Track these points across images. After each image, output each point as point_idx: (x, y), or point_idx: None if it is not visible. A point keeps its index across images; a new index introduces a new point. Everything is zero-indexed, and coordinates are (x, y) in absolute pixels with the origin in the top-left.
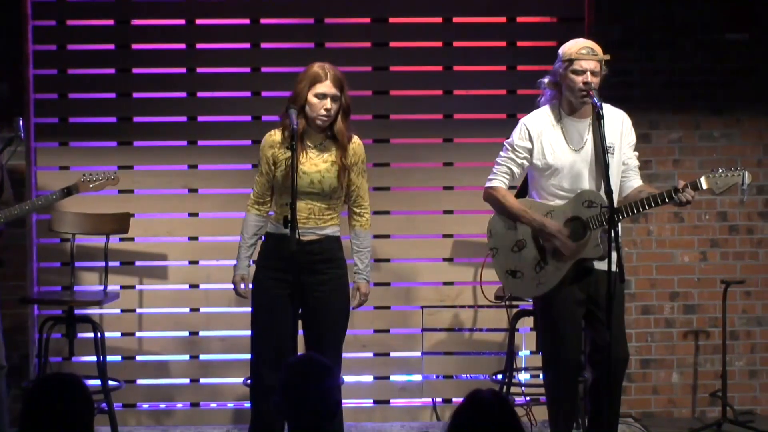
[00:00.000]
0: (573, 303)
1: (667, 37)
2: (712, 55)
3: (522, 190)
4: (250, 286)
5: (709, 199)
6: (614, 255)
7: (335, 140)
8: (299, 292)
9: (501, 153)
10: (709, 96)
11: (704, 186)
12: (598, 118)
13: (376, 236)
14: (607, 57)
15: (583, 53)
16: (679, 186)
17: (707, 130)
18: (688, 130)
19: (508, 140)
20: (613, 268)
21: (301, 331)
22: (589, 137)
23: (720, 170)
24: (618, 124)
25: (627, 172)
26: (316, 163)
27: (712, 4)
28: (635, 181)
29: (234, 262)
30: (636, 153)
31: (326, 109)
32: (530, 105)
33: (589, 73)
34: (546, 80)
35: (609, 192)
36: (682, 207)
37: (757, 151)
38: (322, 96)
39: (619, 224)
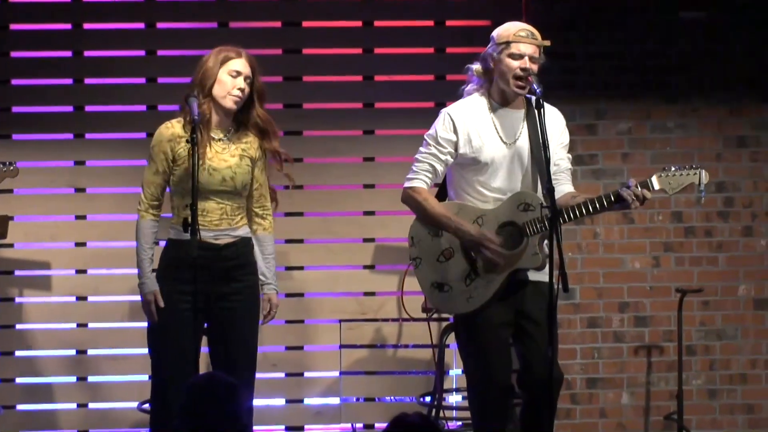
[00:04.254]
0: (501, 318)
1: (615, 16)
2: (666, 37)
3: (442, 190)
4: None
5: (662, 198)
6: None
7: (242, 130)
8: (204, 305)
9: (421, 148)
10: (662, 82)
11: (656, 186)
12: (538, 107)
13: (288, 241)
14: (547, 43)
15: (521, 35)
16: (631, 185)
17: (660, 120)
18: (638, 121)
19: (430, 133)
20: (541, 277)
21: (206, 348)
22: (524, 130)
23: (673, 168)
24: (552, 122)
25: (558, 174)
26: (226, 158)
27: None
28: (566, 186)
29: (128, 270)
30: (569, 156)
31: (240, 89)
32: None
33: (527, 58)
34: (475, 66)
35: (550, 190)
36: (633, 208)
37: (715, 144)
38: (235, 74)
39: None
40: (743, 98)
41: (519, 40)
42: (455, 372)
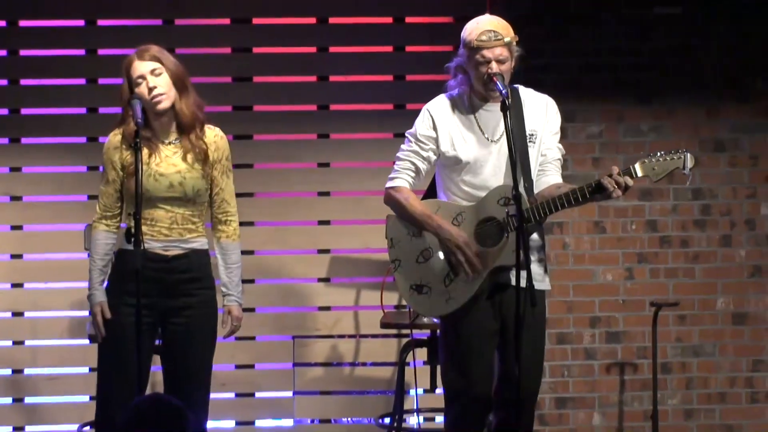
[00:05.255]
0: (484, 326)
1: (585, 10)
2: (639, 33)
3: (431, 194)
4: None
5: (635, 206)
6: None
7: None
8: (156, 320)
9: (403, 146)
10: (636, 81)
11: (639, 173)
12: (502, 109)
13: None
14: (511, 38)
15: (483, 40)
16: (613, 173)
17: (633, 122)
18: (610, 123)
19: (410, 131)
20: (523, 283)
21: (158, 367)
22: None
23: (658, 154)
24: (542, 109)
25: (545, 165)
26: (174, 162)
27: None
28: (553, 177)
29: (68, 283)
30: (560, 145)
31: (150, 88)
32: (422, 93)
33: (494, 63)
34: (453, 65)
35: (516, 197)
36: (615, 197)
37: (692, 147)
38: (140, 80)
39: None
40: (721, 98)
41: (481, 46)
42: (416, 392)
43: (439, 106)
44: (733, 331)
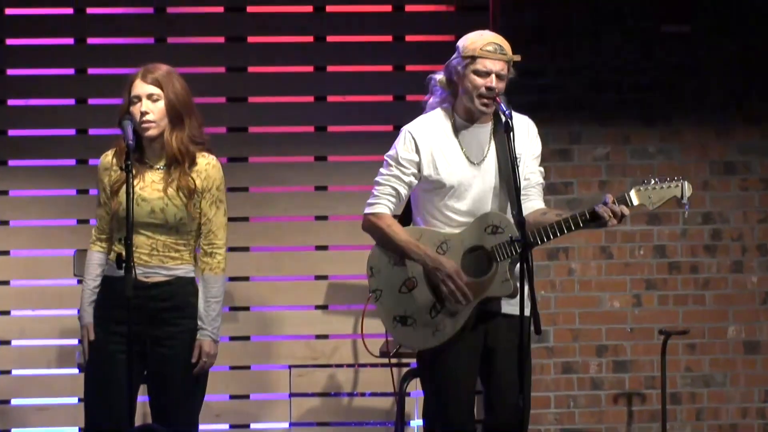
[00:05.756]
0: (468, 357)
1: (590, 29)
2: (646, 52)
3: (406, 215)
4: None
5: (643, 230)
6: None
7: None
8: (141, 349)
9: (382, 170)
10: (642, 101)
11: (635, 201)
12: (507, 130)
13: (232, 278)
14: (517, 57)
15: (488, 50)
16: (608, 201)
17: (640, 144)
18: (616, 145)
19: (390, 153)
20: (514, 311)
21: (145, 398)
22: (491, 149)
23: (653, 181)
24: (523, 132)
25: (528, 189)
26: (159, 188)
27: None
28: (537, 202)
29: (57, 311)
30: (541, 168)
31: (142, 112)
32: (422, 85)
33: (494, 76)
34: (438, 77)
35: (521, 222)
36: (611, 226)
37: (701, 170)
38: (136, 100)
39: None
40: (730, 119)
41: (485, 56)
42: (416, 423)
43: (420, 127)
44: (745, 361)
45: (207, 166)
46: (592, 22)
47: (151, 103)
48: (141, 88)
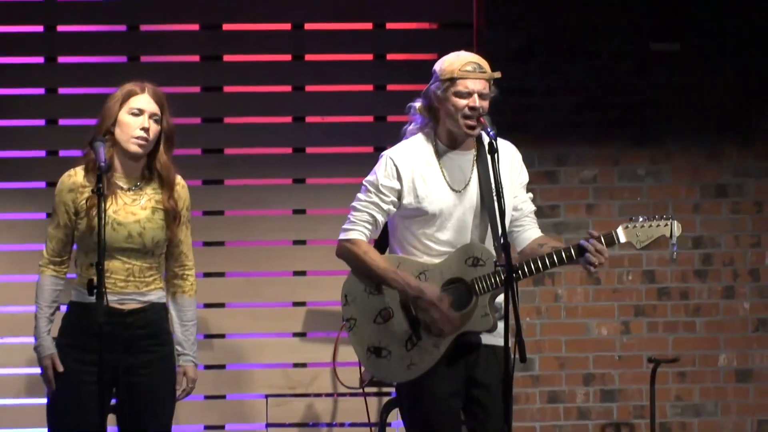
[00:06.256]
0: (449, 387)
1: (578, 47)
2: (635, 71)
3: (382, 242)
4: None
5: (632, 255)
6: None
7: (154, 179)
8: (112, 378)
9: (360, 195)
10: (632, 122)
11: (622, 239)
12: (491, 152)
13: (207, 305)
14: (498, 74)
15: (468, 70)
16: (591, 241)
17: (629, 165)
18: (605, 167)
19: (369, 179)
20: (496, 341)
21: (115, 428)
22: (474, 175)
23: (641, 219)
24: (507, 160)
25: (521, 219)
26: (134, 211)
27: (635, 6)
28: (534, 231)
29: (25, 338)
30: (530, 194)
31: (143, 128)
32: (403, 104)
33: (476, 95)
34: (417, 104)
35: (506, 246)
36: (597, 264)
37: (692, 193)
38: (138, 112)
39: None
40: (723, 140)
41: (465, 76)
42: None
43: (402, 153)
44: (737, 389)
45: (178, 186)
46: (580, 40)
47: (153, 122)
48: (146, 103)
